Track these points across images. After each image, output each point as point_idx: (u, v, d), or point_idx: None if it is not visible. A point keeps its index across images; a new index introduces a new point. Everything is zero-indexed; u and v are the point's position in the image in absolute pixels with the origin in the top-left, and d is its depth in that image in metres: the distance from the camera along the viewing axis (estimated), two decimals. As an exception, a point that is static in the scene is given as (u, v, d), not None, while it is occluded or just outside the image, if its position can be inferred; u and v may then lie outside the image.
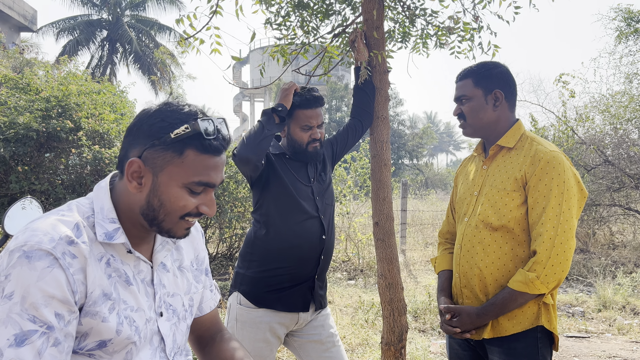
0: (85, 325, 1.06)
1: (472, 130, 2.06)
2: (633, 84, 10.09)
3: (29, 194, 5.97)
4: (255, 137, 2.17)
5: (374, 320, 5.01)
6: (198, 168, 1.11)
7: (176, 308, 1.26)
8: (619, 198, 8.77)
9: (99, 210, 1.14)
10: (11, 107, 6.07)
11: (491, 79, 2.00)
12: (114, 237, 1.12)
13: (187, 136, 1.09)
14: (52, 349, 0.99)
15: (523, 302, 1.82)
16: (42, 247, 1.01)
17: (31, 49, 19.89)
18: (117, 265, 1.13)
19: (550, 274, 1.75)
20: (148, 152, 1.11)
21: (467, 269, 1.99)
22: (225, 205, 6.94)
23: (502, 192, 1.93)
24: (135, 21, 26.40)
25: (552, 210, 1.79)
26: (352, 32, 2.64)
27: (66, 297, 1.01)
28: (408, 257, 8.61)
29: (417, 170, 32.06)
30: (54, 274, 1.00)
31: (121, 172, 1.16)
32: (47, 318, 0.98)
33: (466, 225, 2.03)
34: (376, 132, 2.66)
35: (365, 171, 8.34)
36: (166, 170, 1.11)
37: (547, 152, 1.86)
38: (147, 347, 1.18)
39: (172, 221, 1.15)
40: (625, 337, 4.85)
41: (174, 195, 1.12)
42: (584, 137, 8.50)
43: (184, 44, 2.74)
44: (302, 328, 2.35)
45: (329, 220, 2.39)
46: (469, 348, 2.07)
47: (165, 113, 1.12)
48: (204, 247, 1.42)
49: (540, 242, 1.78)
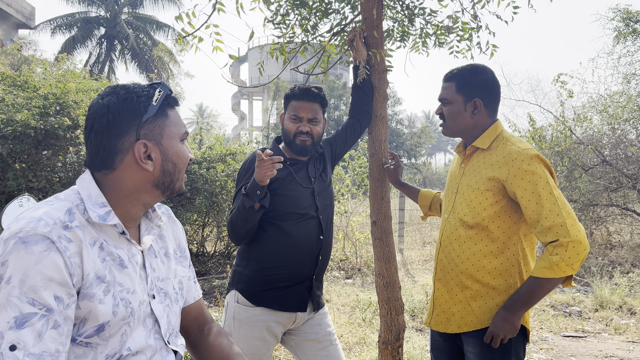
0: (83, 309, 1.07)
1: (449, 131, 2.16)
2: (631, 84, 10.10)
3: (27, 191, 5.96)
4: (243, 225, 2.17)
5: (371, 319, 5.02)
6: (178, 120, 1.25)
7: (167, 291, 1.29)
8: (617, 198, 8.79)
9: (86, 197, 1.15)
10: (9, 104, 6.05)
11: (473, 86, 2.07)
12: (107, 219, 1.14)
13: (163, 98, 1.21)
14: (52, 331, 1.00)
15: (551, 288, 1.85)
16: (37, 232, 1.02)
17: (29, 46, 19.83)
18: (111, 249, 1.15)
19: (574, 255, 1.79)
20: (143, 129, 1.17)
21: (445, 263, 2.10)
22: (223, 204, 6.94)
23: (476, 191, 2.00)
24: (133, 18, 26.34)
25: (548, 202, 1.84)
26: (351, 31, 2.64)
27: (65, 280, 1.02)
28: (406, 256, 8.62)
29: (415, 169, 32.10)
30: (52, 257, 1.01)
31: (108, 167, 1.17)
32: (46, 301, 0.99)
33: (446, 222, 2.13)
34: (374, 131, 2.66)
35: (363, 170, 8.34)
36: (165, 134, 1.21)
37: (520, 150, 1.92)
38: (141, 328, 1.19)
39: (182, 177, 1.27)
40: (622, 337, 4.86)
41: (180, 151, 1.24)
42: (582, 137, 8.52)
43: (182, 42, 2.74)
44: (299, 327, 2.35)
45: (328, 220, 2.39)
46: (449, 339, 2.14)
47: (134, 91, 1.19)
48: (184, 236, 1.46)
49: (554, 232, 1.81)
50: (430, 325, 2.16)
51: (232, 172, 6.85)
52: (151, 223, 1.31)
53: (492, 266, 1.96)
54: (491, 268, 1.96)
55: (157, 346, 1.22)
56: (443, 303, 2.09)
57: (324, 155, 2.50)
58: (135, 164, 1.18)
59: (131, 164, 1.18)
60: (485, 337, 1.93)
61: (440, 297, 2.10)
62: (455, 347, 2.14)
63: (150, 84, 1.23)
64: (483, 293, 1.98)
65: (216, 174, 6.74)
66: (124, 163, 1.17)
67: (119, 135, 1.15)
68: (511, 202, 1.95)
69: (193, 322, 1.47)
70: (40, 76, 6.90)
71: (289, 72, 9.02)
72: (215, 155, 7.07)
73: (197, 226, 7.44)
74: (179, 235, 1.44)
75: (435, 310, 2.13)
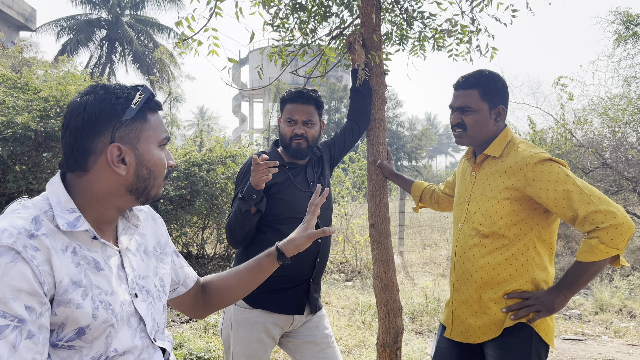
0: (60, 315, 1.06)
1: (470, 141, 2.10)
2: (631, 87, 10.10)
3: (27, 193, 5.97)
4: (239, 229, 2.18)
5: (370, 322, 5.01)
6: (159, 125, 1.22)
7: (149, 289, 1.28)
8: (617, 201, 8.77)
9: (55, 203, 1.13)
10: (9, 106, 6.07)
11: (496, 93, 2.04)
12: (77, 225, 1.12)
13: (144, 101, 1.18)
14: (27, 341, 0.99)
15: (596, 271, 1.84)
16: (1, 244, 1.00)
17: (30, 48, 19.87)
18: (84, 252, 1.13)
19: (617, 236, 1.77)
20: (118, 132, 1.15)
21: (460, 274, 2.07)
22: (223, 206, 6.94)
23: (492, 200, 1.98)
24: (134, 21, 26.40)
25: (575, 194, 1.82)
26: (349, 34, 2.65)
27: (34, 289, 1.01)
28: (406, 259, 8.61)
29: (416, 172, 32.09)
30: (18, 267, 1.00)
31: (81, 168, 1.15)
32: (17, 312, 0.98)
33: (460, 231, 2.10)
34: (373, 134, 2.67)
35: (363, 172, 8.34)
36: (142, 138, 1.18)
37: (533, 154, 1.91)
38: (126, 328, 1.18)
39: (159, 184, 1.24)
40: (622, 340, 4.85)
41: (157, 157, 1.21)
42: (582, 140, 8.52)
43: (181, 45, 2.75)
44: (297, 329, 2.35)
45: (326, 223, 2.39)
46: (466, 346, 2.10)
47: (114, 92, 1.16)
48: (165, 233, 1.45)
49: (590, 221, 1.79)
50: (451, 336, 2.12)
51: (232, 174, 6.85)
52: (128, 223, 1.30)
53: (506, 273, 1.95)
54: (506, 275, 1.95)
55: (143, 345, 1.21)
56: (461, 314, 2.07)
57: (323, 159, 2.50)
58: (108, 167, 1.15)
59: (104, 167, 1.15)
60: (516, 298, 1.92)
61: (458, 308, 2.08)
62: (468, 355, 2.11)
63: (133, 86, 1.21)
64: (497, 299, 1.97)
65: (216, 177, 6.74)
66: (97, 165, 1.15)
67: (93, 136, 1.13)
68: (528, 209, 1.93)
69: (194, 297, 1.52)
70: (40, 78, 6.91)
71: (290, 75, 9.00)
72: (216, 157, 7.08)
73: (197, 228, 7.44)
74: (159, 233, 1.42)
75: (455, 321, 2.10)
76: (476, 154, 2.14)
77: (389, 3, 2.96)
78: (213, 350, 4.06)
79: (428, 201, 2.65)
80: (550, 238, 2.00)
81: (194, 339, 4.33)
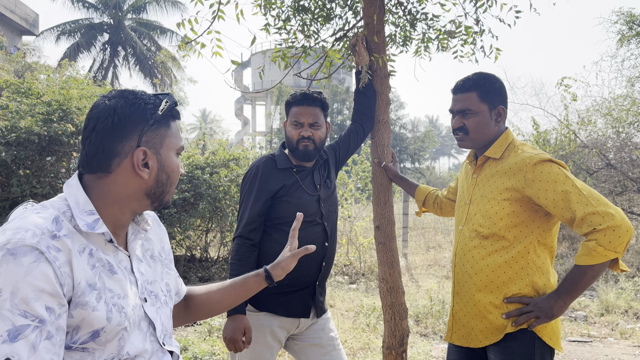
0: (76, 317, 1.07)
1: (472, 143, 2.10)
2: (635, 87, 10.08)
3: (31, 197, 5.98)
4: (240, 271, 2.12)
5: (375, 325, 5.00)
6: (177, 134, 1.27)
7: (157, 294, 1.29)
8: (622, 202, 8.74)
9: (74, 205, 1.14)
10: (13, 111, 6.08)
11: (494, 94, 2.04)
12: (95, 227, 1.13)
13: (169, 109, 1.22)
14: (46, 342, 0.99)
15: (594, 275, 1.81)
16: (26, 243, 1.01)
17: (33, 52, 19.94)
18: (100, 255, 1.14)
19: (615, 239, 1.74)
20: (145, 136, 1.18)
21: (460, 276, 2.07)
22: (226, 209, 6.93)
23: (492, 201, 1.97)
24: (136, 24, 26.47)
25: (573, 195, 1.80)
26: (353, 36, 2.64)
27: (55, 290, 1.02)
28: (410, 261, 8.59)
29: (419, 173, 32.08)
30: (41, 268, 1.00)
31: (104, 170, 1.16)
32: (38, 312, 0.98)
33: (460, 233, 2.10)
34: (377, 136, 2.66)
35: (366, 174, 8.33)
36: (164, 144, 1.22)
37: (533, 155, 1.91)
38: (137, 331, 1.19)
39: (172, 190, 1.28)
40: (628, 342, 4.82)
41: (175, 164, 1.25)
42: (586, 141, 8.49)
43: (184, 48, 2.75)
44: (303, 332, 2.35)
45: (332, 227, 2.39)
46: (470, 352, 2.09)
47: (142, 97, 1.20)
48: (167, 240, 1.47)
49: (588, 223, 1.77)
50: (451, 340, 2.11)
51: (235, 177, 6.85)
52: (138, 227, 1.31)
53: (506, 276, 1.94)
54: (506, 278, 1.94)
55: (153, 349, 1.22)
56: (462, 317, 2.06)
57: (328, 162, 2.50)
58: (131, 170, 1.17)
59: (127, 170, 1.17)
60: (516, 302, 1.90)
61: (459, 311, 2.07)
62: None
63: (157, 93, 1.25)
64: (498, 304, 1.95)
65: (219, 179, 6.74)
66: (121, 167, 1.17)
67: (121, 139, 1.15)
68: (528, 211, 1.92)
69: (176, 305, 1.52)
70: (43, 83, 6.93)
71: (292, 77, 8.98)
72: (219, 160, 7.08)
73: (201, 232, 7.44)
74: (163, 239, 1.44)
75: (455, 324, 2.09)
76: (477, 156, 2.14)
77: (392, 4, 2.96)
78: (218, 354, 4.05)
79: (431, 206, 2.64)
80: (551, 242, 1.98)
81: (199, 343, 4.32)
